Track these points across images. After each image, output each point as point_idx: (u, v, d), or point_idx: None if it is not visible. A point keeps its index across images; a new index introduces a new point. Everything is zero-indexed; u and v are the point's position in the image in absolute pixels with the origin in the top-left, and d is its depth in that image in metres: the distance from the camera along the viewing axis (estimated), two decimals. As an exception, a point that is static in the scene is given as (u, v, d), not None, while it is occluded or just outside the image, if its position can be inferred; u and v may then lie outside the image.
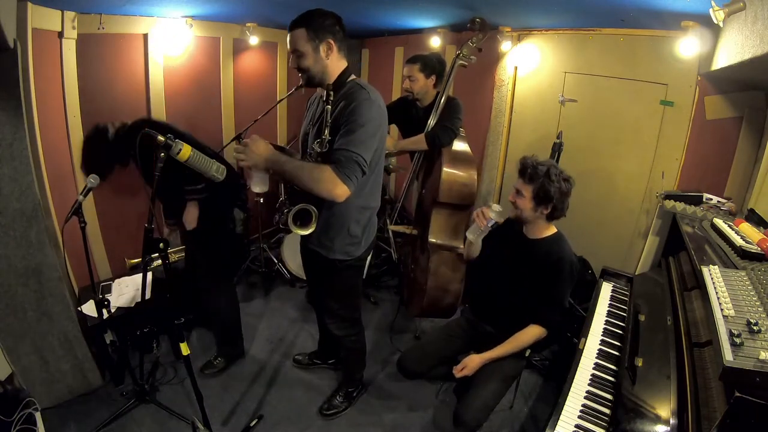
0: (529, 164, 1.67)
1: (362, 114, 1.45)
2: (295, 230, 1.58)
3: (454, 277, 2.31)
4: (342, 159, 1.43)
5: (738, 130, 2.26)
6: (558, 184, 1.63)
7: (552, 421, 1.32)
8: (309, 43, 1.50)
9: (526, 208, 1.70)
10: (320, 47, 1.51)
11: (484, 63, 2.84)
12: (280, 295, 3.16)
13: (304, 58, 1.52)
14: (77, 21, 2.29)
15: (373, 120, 1.47)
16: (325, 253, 1.72)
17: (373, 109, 1.49)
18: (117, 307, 2.20)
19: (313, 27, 1.49)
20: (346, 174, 1.43)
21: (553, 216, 1.71)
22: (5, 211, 1.71)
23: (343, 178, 1.43)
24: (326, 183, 1.43)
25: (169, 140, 1.40)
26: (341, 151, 1.44)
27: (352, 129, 1.44)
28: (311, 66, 1.53)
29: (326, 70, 1.55)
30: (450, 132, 2.34)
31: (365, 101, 1.48)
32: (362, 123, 1.44)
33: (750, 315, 1.08)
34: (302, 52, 1.51)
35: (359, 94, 1.50)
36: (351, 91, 1.53)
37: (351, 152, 1.43)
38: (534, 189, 1.64)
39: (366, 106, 1.47)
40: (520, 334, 1.74)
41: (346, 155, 1.43)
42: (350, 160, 1.43)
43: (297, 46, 1.50)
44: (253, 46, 3.27)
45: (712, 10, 1.31)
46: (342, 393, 2.19)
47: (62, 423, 1.96)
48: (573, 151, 2.58)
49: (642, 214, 2.57)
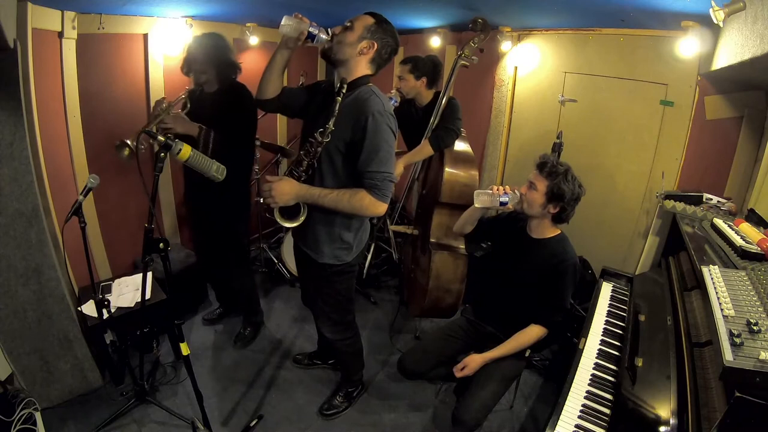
0: (550, 161, 1.70)
1: (383, 130, 1.47)
2: (282, 222, 1.57)
3: (455, 277, 2.31)
4: (377, 183, 1.49)
5: (738, 130, 2.27)
6: (572, 186, 1.65)
7: (552, 421, 1.32)
8: (364, 29, 1.49)
9: (535, 203, 1.69)
10: (365, 40, 1.50)
11: (484, 63, 2.84)
12: (280, 295, 3.16)
13: (349, 33, 1.49)
14: (77, 21, 2.29)
15: (391, 135, 1.50)
16: (315, 257, 1.70)
17: (392, 122, 1.51)
18: (117, 307, 2.20)
19: (378, 24, 1.50)
20: (384, 194, 1.51)
21: (560, 218, 1.71)
22: (5, 211, 1.71)
23: (382, 199, 1.51)
24: (369, 209, 1.52)
25: (169, 140, 1.40)
26: (373, 174, 1.48)
27: (377, 148, 1.46)
28: (345, 43, 1.50)
29: (350, 62, 1.52)
30: (453, 133, 2.34)
31: (382, 116, 1.46)
32: (386, 138, 1.48)
33: (750, 315, 1.08)
34: (354, 28, 1.49)
35: (373, 103, 1.47)
36: (364, 96, 1.50)
37: (383, 173, 1.48)
38: (549, 185, 1.66)
39: (385, 121, 1.47)
40: (521, 334, 1.74)
41: (379, 177, 1.48)
42: (384, 181, 1.49)
43: (354, 22, 1.50)
44: (253, 46, 3.26)
45: (712, 10, 1.31)
46: (342, 393, 2.19)
47: (62, 423, 1.96)
48: (573, 151, 2.58)
49: (642, 214, 2.57)
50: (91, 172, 1.86)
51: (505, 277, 1.89)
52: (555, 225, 1.76)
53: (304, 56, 3.75)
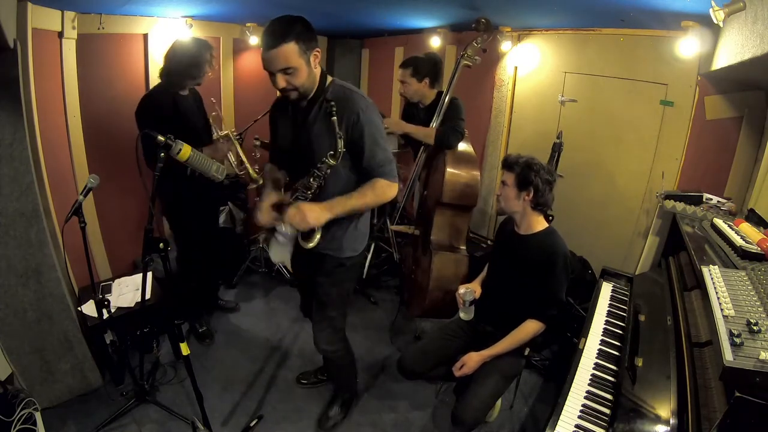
0: (510, 156, 1.77)
1: (374, 120, 1.50)
2: (305, 245, 1.55)
3: (456, 277, 2.30)
4: (385, 167, 1.54)
5: (738, 130, 2.26)
6: (537, 170, 1.69)
7: (552, 421, 1.32)
8: (302, 56, 1.38)
9: (510, 197, 1.74)
10: (311, 58, 1.42)
11: (485, 63, 2.84)
12: (280, 295, 3.16)
13: (297, 75, 1.40)
14: (77, 21, 2.29)
15: (379, 119, 1.55)
16: (335, 253, 1.68)
17: (374, 108, 1.54)
18: (117, 307, 2.21)
19: (302, 38, 1.37)
20: (394, 175, 1.57)
21: (538, 204, 1.72)
22: (5, 211, 1.71)
23: (394, 180, 1.57)
24: (388, 193, 1.56)
25: (169, 140, 1.41)
26: (381, 161, 1.53)
27: (375, 140, 1.50)
28: (305, 81, 1.43)
29: (315, 81, 1.49)
30: (458, 135, 2.34)
31: (368, 108, 1.49)
32: (377, 126, 1.52)
33: (750, 315, 1.08)
34: (295, 67, 1.38)
35: (356, 100, 1.49)
36: (344, 96, 1.49)
37: (386, 156, 1.54)
38: (515, 175, 1.71)
39: (370, 112, 1.50)
40: (519, 330, 1.74)
41: (386, 161, 1.54)
42: (391, 162, 1.56)
43: (289, 63, 1.37)
44: (253, 46, 3.27)
45: (712, 10, 1.31)
46: (338, 404, 2.12)
47: (62, 423, 1.96)
48: (573, 151, 2.58)
49: (642, 214, 2.57)
50: (91, 172, 1.86)
51: (501, 277, 1.90)
52: (540, 214, 1.77)
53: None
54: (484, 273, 2.05)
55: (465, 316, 1.93)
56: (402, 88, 2.49)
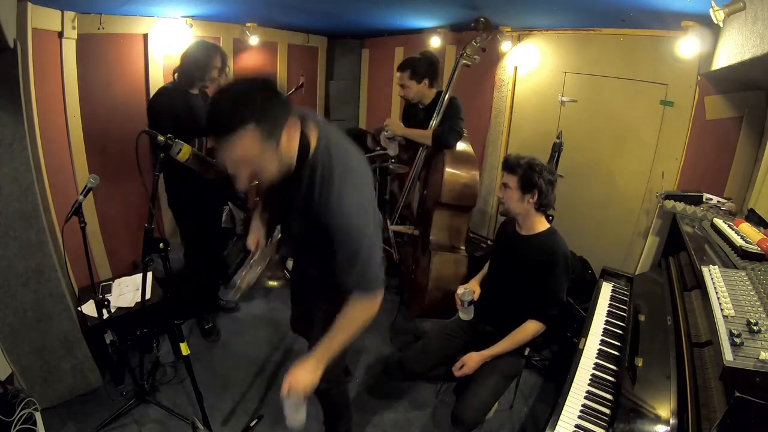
0: (511, 158, 1.75)
1: (352, 227, 1.21)
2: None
3: (455, 277, 2.31)
4: (360, 280, 1.31)
5: (738, 130, 2.27)
6: (539, 171, 1.68)
7: (552, 421, 1.32)
8: (265, 141, 1.03)
9: (513, 199, 1.73)
10: (282, 137, 1.06)
11: (485, 63, 2.84)
12: (280, 295, 3.15)
13: (263, 166, 1.08)
14: (77, 21, 2.29)
15: (362, 222, 1.25)
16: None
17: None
18: (117, 307, 2.20)
19: (265, 116, 1.00)
20: (372, 287, 1.34)
21: (542, 205, 1.72)
22: (5, 211, 1.71)
23: (372, 296, 1.35)
24: (369, 315, 1.38)
25: (169, 140, 1.41)
26: (356, 276, 1.29)
27: (356, 247, 1.23)
28: (274, 170, 1.12)
29: (291, 160, 1.15)
30: (456, 135, 2.34)
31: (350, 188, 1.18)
32: (359, 234, 1.24)
33: (750, 315, 1.08)
34: (258, 157, 1.04)
35: (335, 179, 1.16)
36: (323, 176, 1.17)
37: (367, 270, 1.30)
38: (518, 177, 1.70)
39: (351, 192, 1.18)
40: (519, 331, 1.74)
41: (361, 275, 1.30)
42: (368, 265, 1.29)
43: (248, 153, 1.02)
44: (253, 46, 3.26)
45: (712, 10, 1.31)
46: None
47: (62, 423, 1.96)
48: (573, 151, 2.58)
49: (642, 214, 2.57)
50: (91, 172, 1.86)
51: (501, 277, 1.91)
52: (542, 215, 1.77)
53: (304, 56, 3.75)
54: (483, 271, 2.05)
55: (464, 317, 1.93)
56: (402, 92, 2.49)
